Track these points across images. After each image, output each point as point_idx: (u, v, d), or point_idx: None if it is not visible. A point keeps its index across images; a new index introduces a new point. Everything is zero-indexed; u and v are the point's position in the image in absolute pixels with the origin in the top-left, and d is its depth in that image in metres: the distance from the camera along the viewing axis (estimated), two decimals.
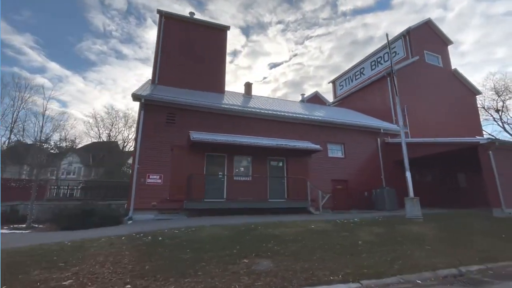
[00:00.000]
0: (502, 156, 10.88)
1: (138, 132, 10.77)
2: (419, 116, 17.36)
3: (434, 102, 18.43)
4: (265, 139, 12.40)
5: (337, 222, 8.36)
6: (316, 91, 21.02)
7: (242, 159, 12.27)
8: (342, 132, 14.54)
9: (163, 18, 15.51)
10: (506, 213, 10.06)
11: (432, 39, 20.15)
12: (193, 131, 11.50)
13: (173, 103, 11.41)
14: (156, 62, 14.72)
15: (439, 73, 19.54)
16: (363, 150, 14.84)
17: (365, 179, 14.31)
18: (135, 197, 10.12)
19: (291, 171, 12.83)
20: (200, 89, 15.16)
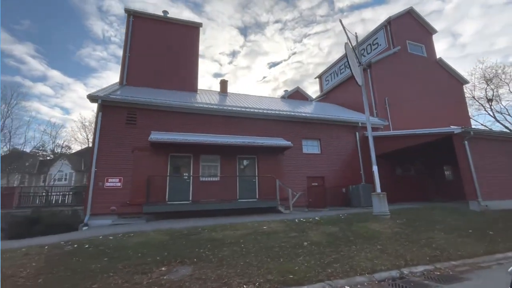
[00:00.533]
0: (479, 146, 10.32)
1: (95, 134, 10.37)
2: (403, 107, 16.78)
3: (420, 93, 17.82)
4: (233, 137, 11.93)
5: (295, 222, 7.87)
6: (298, 86, 20.47)
7: (209, 158, 11.79)
8: (317, 128, 14.02)
9: (131, 17, 15.11)
10: (483, 206, 9.48)
11: (415, 29, 19.52)
12: (156, 131, 11.08)
13: (133, 103, 10.99)
14: (124, 62, 14.33)
15: (424, 63, 18.91)
16: (341, 145, 14.31)
17: (343, 175, 13.80)
18: (92, 202, 9.71)
19: (263, 169, 12.35)
20: (171, 88, 14.79)
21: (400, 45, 18.24)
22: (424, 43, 19.48)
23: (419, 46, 19.27)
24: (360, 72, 9.35)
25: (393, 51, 17.74)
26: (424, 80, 18.37)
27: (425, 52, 19.25)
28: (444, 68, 19.70)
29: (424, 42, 19.50)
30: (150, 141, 10.08)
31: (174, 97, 12.73)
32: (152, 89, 13.92)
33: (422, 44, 19.35)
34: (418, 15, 19.98)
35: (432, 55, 19.58)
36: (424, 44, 19.42)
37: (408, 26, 19.27)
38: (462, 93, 20.12)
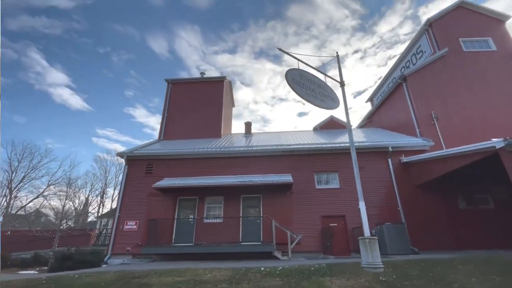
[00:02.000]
0: None
1: (121, 184, 12.63)
2: (461, 118, 13.07)
3: (489, 96, 13.56)
4: (236, 177, 12.07)
5: (245, 271, 6.93)
6: (331, 115, 18.87)
7: (214, 200, 12.16)
8: (334, 158, 12.45)
9: (170, 85, 18.55)
10: None
11: (472, 22, 15.70)
12: (168, 177, 12.52)
13: (150, 155, 12.98)
14: (162, 122, 17.33)
15: (493, 58, 14.56)
16: (368, 175, 12.04)
17: (375, 212, 11.34)
18: (113, 242, 11.48)
19: (268, 209, 11.66)
20: (199, 137, 16.58)
21: (449, 46, 14.89)
22: (491, 35, 15.22)
23: (483, 40, 15.17)
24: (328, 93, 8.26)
25: (435, 56, 14.63)
26: (497, 78, 13.97)
27: (494, 45, 14.90)
28: None
29: (491, 34, 15.24)
30: (154, 187, 11.46)
31: (197, 145, 14.18)
32: (182, 141, 16.02)
33: (487, 37, 15.17)
34: (476, 5, 16.15)
35: (508, 46, 14.92)
36: (491, 36, 15.18)
37: (460, 21, 15.75)
38: None
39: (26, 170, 32.13)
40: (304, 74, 7.72)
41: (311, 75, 7.94)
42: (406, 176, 11.88)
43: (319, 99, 7.83)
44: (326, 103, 7.96)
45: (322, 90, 8.05)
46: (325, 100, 7.96)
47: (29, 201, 33.07)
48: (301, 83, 7.51)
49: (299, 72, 7.62)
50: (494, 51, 14.78)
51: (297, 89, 7.31)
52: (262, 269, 7.01)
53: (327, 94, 8.12)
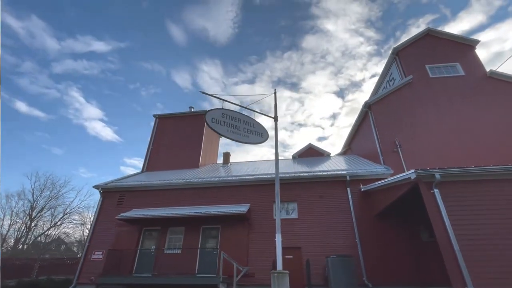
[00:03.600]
0: (461, 197, 6.69)
1: (95, 215, 13.51)
2: (424, 146, 12.81)
3: (456, 121, 13.29)
4: (196, 208, 12.51)
5: None
6: (310, 143, 18.99)
7: (175, 230, 12.57)
8: (294, 187, 12.56)
9: (157, 119, 20.06)
10: None
11: (440, 49, 15.88)
12: (137, 208, 13.24)
13: (122, 187, 13.90)
14: (147, 154, 18.54)
15: (461, 83, 14.43)
16: (327, 205, 11.97)
17: (331, 244, 11.10)
18: (80, 272, 12.09)
19: (226, 240, 11.82)
20: (179, 168, 17.47)
21: (416, 73, 15.07)
22: (459, 60, 15.23)
23: (451, 66, 15.19)
24: (255, 127, 8.81)
25: (400, 83, 14.81)
26: (464, 104, 13.74)
27: (462, 70, 14.84)
28: (506, 81, 14.18)
29: (459, 59, 15.25)
30: (117, 218, 12.18)
31: (173, 176, 14.99)
32: (159, 172, 16.95)
33: (455, 63, 15.19)
34: (444, 32, 16.42)
35: (477, 71, 14.78)
36: (459, 61, 15.19)
37: (427, 48, 16.00)
38: None
39: (46, 200, 34.58)
40: (227, 113, 8.40)
41: (236, 113, 8.61)
42: (366, 205, 11.66)
43: (242, 135, 8.39)
44: (250, 138, 8.49)
45: (248, 126, 8.64)
46: (250, 136, 8.50)
47: (46, 229, 35.09)
48: (222, 122, 8.17)
49: (221, 112, 8.32)
50: (462, 76, 14.69)
51: (216, 128, 7.97)
52: None
53: (253, 130, 8.68)
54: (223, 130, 8.05)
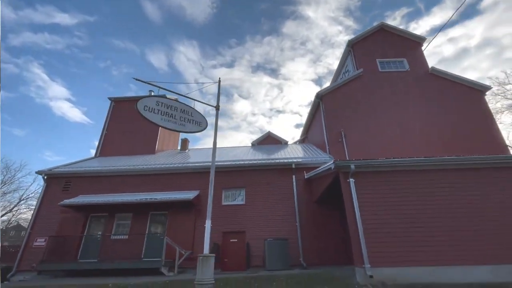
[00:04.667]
0: (371, 186, 7.38)
1: (38, 202, 13.01)
2: (368, 137, 13.66)
3: (399, 114, 14.24)
4: (143, 194, 12.50)
5: None
6: (269, 131, 19.52)
7: (123, 217, 12.55)
8: (242, 175, 12.95)
9: (112, 103, 19.23)
10: (367, 276, 6.33)
11: (391, 44, 16.62)
12: (84, 195, 12.93)
13: (69, 173, 13.44)
14: (100, 139, 17.88)
15: (406, 78, 15.35)
16: (273, 192, 12.52)
17: (275, 228, 11.74)
18: (20, 259, 11.76)
19: (174, 226, 12.03)
20: (134, 154, 17.11)
21: (367, 67, 15.73)
22: (407, 56, 16.09)
23: (399, 61, 16.03)
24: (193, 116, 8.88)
25: (351, 76, 15.42)
26: (408, 98, 14.71)
27: (408, 65, 15.74)
28: (445, 78, 15.31)
29: (407, 55, 16.11)
30: (60, 205, 11.87)
31: (127, 162, 14.66)
32: (115, 157, 16.51)
33: (403, 58, 16.04)
34: (395, 28, 17.14)
35: (420, 67, 15.76)
36: (406, 57, 16.05)
37: (380, 43, 16.67)
38: (483, 104, 14.64)
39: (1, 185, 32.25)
40: (163, 101, 8.32)
41: (172, 101, 8.55)
42: (308, 192, 12.37)
43: (178, 123, 8.40)
44: (186, 127, 8.53)
45: (185, 115, 8.64)
46: (186, 125, 8.53)
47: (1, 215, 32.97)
48: (156, 110, 8.09)
49: (156, 100, 8.22)
50: (407, 71, 15.60)
51: (148, 116, 7.89)
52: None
53: (190, 119, 8.71)
54: (157, 119, 8.00)
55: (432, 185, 7.19)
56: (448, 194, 7.04)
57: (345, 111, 14.52)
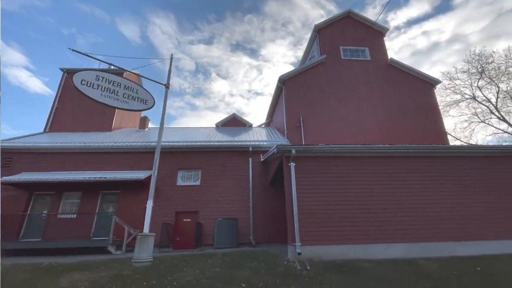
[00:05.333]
0: (308, 170, 7.73)
1: None
2: (325, 124, 14.11)
3: (357, 103, 14.79)
4: (94, 173, 12.05)
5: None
6: (234, 113, 19.49)
7: (72, 195, 12.09)
8: (199, 156, 12.90)
9: (65, 74, 17.77)
10: (296, 254, 6.79)
11: (355, 32, 16.86)
12: (26, 172, 12.15)
13: (9, 149, 12.47)
14: (50, 113, 16.63)
15: (366, 67, 15.84)
16: (229, 173, 12.68)
17: (231, 208, 12.01)
18: None
19: (126, 205, 11.86)
20: (90, 130, 16.20)
21: (330, 53, 15.92)
22: (369, 45, 16.48)
23: (361, 50, 16.39)
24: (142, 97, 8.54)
25: (314, 62, 15.57)
26: (367, 88, 15.25)
27: (369, 55, 16.18)
28: (402, 70, 16.00)
29: (369, 45, 16.50)
30: None
31: (78, 139, 13.81)
32: (66, 133, 15.53)
33: (365, 48, 16.41)
34: (361, 16, 17.34)
35: (381, 57, 16.29)
36: (368, 46, 16.44)
37: (344, 30, 16.84)
38: (432, 97, 15.65)
39: None
40: (104, 76, 7.85)
41: (115, 76, 8.09)
42: (263, 174, 12.69)
43: (121, 100, 8.03)
44: (130, 104, 8.18)
45: (129, 92, 8.26)
46: (130, 102, 8.18)
47: None
48: (96, 85, 7.64)
49: (95, 74, 7.73)
50: (368, 61, 16.05)
51: (85, 91, 7.43)
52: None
53: (135, 96, 8.34)
54: (96, 94, 7.58)
55: (361, 171, 7.70)
56: (374, 180, 7.60)
57: (305, 97, 14.76)
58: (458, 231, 7.28)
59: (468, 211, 7.47)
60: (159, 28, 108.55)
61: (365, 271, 5.96)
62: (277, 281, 5.49)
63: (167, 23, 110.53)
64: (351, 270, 6.01)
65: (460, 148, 8.16)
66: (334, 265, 6.27)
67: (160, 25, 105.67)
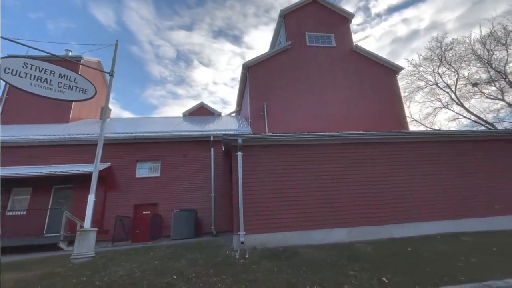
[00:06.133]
0: (255, 158, 7.67)
1: None
2: (289, 111, 14.06)
3: (322, 90, 14.80)
4: (45, 167, 11.46)
5: None
6: (202, 102, 19.07)
7: (21, 191, 11.48)
8: (159, 147, 12.55)
9: None
10: (239, 242, 6.80)
11: (321, 18, 16.67)
12: None
13: None
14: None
15: (332, 54, 15.80)
16: (190, 164, 12.47)
17: (193, 199, 11.87)
18: None
19: (81, 200, 11.38)
20: (45, 122, 15.31)
21: (296, 40, 15.69)
22: (335, 31, 16.39)
23: (327, 36, 16.27)
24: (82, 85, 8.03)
25: (279, 48, 15.33)
26: (331, 74, 15.25)
27: (334, 41, 16.11)
28: (366, 57, 16.10)
29: (335, 31, 16.41)
30: None
31: (30, 132, 12.95)
32: (19, 125, 14.59)
33: (331, 34, 16.31)
34: (328, 2, 17.11)
35: (346, 44, 16.27)
36: (334, 32, 16.34)
37: (311, 16, 16.60)
38: (394, 84, 15.95)
39: None
40: (33, 63, 7.27)
41: (47, 64, 7.52)
42: (225, 164, 12.58)
43: (55, 90, 7.51)
44: (66, 95, 7.68)
45: (66, 80, 7.73)
46: (66, 92, 7.67)
47: None
48: (23, 73, 7.07)
49: (23, 61, 7.14)
50: (333, 48, 16.00)
51: (11, 80, 6.87)
52: None
53: (73, 85, 7.83)
54: (24, 84, 7.03)
55: (306, 159, 7.73)
56: (318, 167, 7.67)
57: (270, 85, 14.58)
58: (397, 214, 7.54)
59: (407, 195, 7.73)
60: (136, 12, 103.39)
61: (301, 257, 6.07)
62: (210, 271, 5.47)
63: (144, 7, 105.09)
64: (289, 256, 6.10)
65: (394, 134, 8.24)
66: (274, 252, 6.34)
67: (137, 9, 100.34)
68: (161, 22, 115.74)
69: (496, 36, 17.34)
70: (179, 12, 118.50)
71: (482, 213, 7.79)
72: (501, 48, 17.54)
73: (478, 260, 5.62)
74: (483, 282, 4.64)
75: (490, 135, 8.87)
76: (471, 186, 7.99)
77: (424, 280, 4.77)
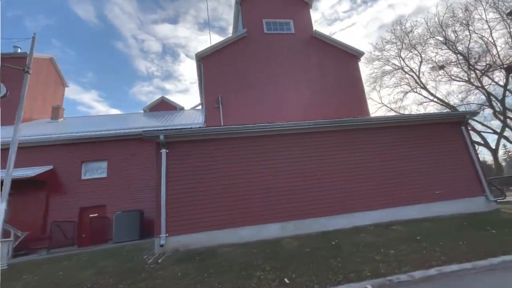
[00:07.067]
0: (179, 155, 7.24)
1: None
2: (246, 103, 13.56)
3: (280, 79, 14.30)
4: None
5: None
6: (162, 96, 18.35)
7: None
8: (105, 146, 11.93)
9: None
10: (159, 246, 6.41)
11: (279, 3, 16.00)
12: None
13: None
14: None
15: (290, 41, 15.24)
16: (140, 163, 11.93)
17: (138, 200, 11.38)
18: None
19: (21, 206, 10.77)
20: None
21: (253, 27, 15.04)
22: (294, 17, 15.78)
23: (285, 22, 15.67)
24: None
25: (234, 37, 14.68)
26: (290, 62, 14.74)
27: (293, 28, 15.53)
28: (326, 42, 15.61)
29: (294, 17, 15.80)
30: None
31: None
32: None
33: (289, 20, 15.70)
34: None
35: (306, 30, 15.72)
36: (293, 18, 15.74)
37: (268, 2, 15.91)
38: (356, 70, 15.57)
39: None
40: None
41: None
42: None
43: None
44: None
45: None
46: None
47: None
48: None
49: None
50: (292, 34, 15.43)
51: None
52: None
53: None
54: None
55: (232, 154, 7.33)
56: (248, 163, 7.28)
57: (225, 75, 13.99)
58: (332, 206, 7.26)
59: (341, 186, 7.45)
60: (118, 7, 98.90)
61: (217, 257, 5.73)
62: (110, 280, 5.07)
63: (126, 1, 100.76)
64: (204, 258, 5.75)
65: (326, 123, 7.83)
66: (192, 255, 5.97)
67: (119, 3, 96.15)
68: (144, 16, 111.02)
69: (457, 17, 17.09)
70: (162, 5, 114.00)
71: (419, 200, 7.59)
72: (464, 28, 17.34)
73: (396, 251, 5.40)
74: (387, 277, 4.40)
75: (424, 119, 8.57)
76: (408, 173, 7.76)
77: (328, 278, 4.50)
